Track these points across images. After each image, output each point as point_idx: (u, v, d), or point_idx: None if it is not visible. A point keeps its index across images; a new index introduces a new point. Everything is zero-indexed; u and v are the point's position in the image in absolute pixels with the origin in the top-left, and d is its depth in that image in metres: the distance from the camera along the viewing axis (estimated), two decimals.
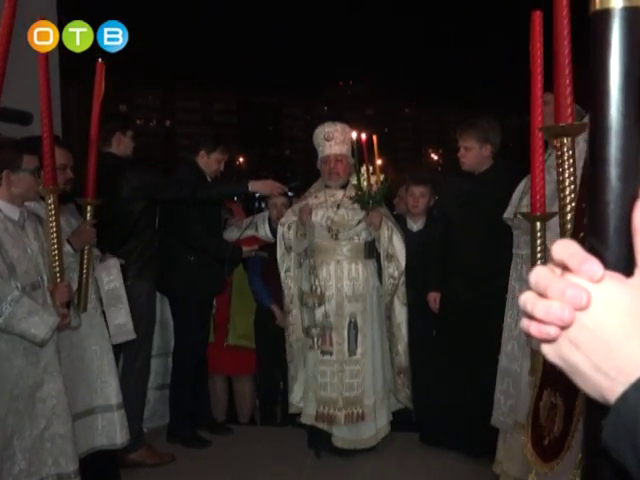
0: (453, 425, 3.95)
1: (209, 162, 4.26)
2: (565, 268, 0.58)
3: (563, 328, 0.57)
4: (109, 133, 3.90)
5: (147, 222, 3.99)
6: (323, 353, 4.00)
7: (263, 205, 5.12)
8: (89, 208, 3.08)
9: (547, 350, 0.59)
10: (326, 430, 4.01)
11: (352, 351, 3.99)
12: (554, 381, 1.44)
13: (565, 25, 1.78)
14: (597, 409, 0.57)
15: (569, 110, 1.86)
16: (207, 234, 4.19)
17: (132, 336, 3.46)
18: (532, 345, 2.06)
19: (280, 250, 4.14)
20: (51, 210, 2.66)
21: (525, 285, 0.63)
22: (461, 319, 3.85)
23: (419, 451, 4.10)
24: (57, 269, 2.72)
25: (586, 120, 2.56)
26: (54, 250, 2.70)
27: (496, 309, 3.68)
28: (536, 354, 2.03)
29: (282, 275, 4.11)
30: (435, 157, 73.98)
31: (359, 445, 4.03)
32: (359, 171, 3.91)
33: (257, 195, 4.76)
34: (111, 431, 3.31)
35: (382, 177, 3.98)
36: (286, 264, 4.12)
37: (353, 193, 4.02)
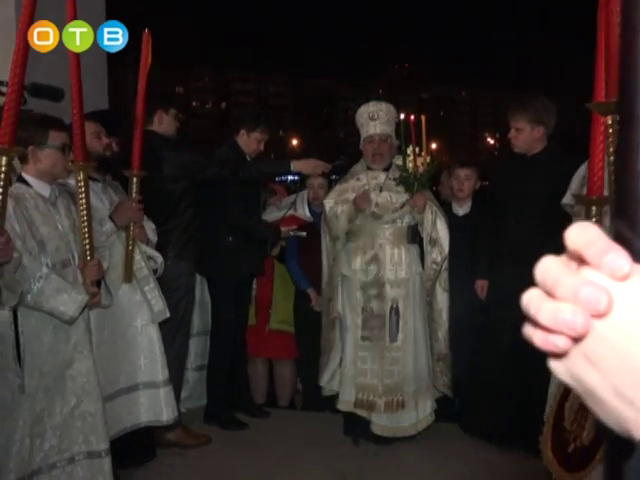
0: (495, 416, 3.80)
1: (249, 141, 4.18)
2: (582, 260, 0.44)
3: (576, 339, 0.43)
4: (151, 111, 3.85)
5: (188, 202, 3.94)
6: (363, 339, 3.90)
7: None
8: (135, 180, 3.03)
9: (555, 366, 0.46)
10: (365, 417, 3.91)
11: (393, 337, 3.88)
12: None
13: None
14: (617, 443, 0.43)
15: None
16: (246, 214, 4.11)
17: (165, 315, 3.42)
18: None
19: (325, 240, 4.02)
20: (81, 187, 2.62)
21: None
22: (509, 308, 3.67)
23: (459, 442, 3.97)
24: (87, 247, 2.69)
25: None
26: (84, 228, 2.67)
27: None
28: None
29: (328, 264, 3.99)
30: (492, 141, 72.56)
31: (398, 433, 3.93)
32: (405, 152, 3.76)
33: (296, 178, 4.67)
34: (156, 407, 3.32)
35: (429, 159, 3.81)
36: (333, 254, 4.01)
37: (397, 174, 3.88)
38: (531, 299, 0.44)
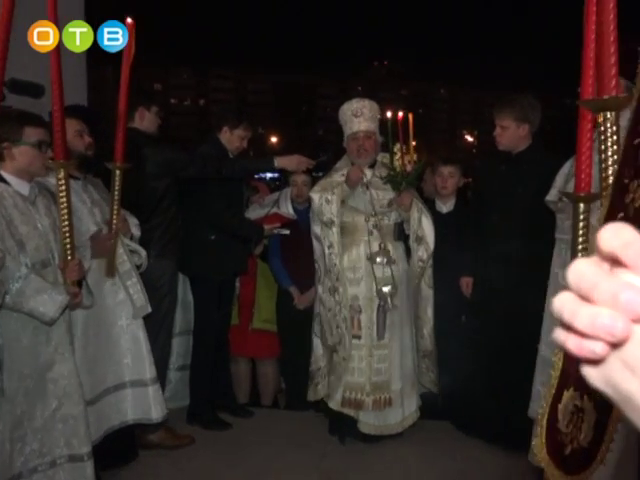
0: (481, 412, 3.80)
1: (232, 139, 4.13)
2: (616, 262, 0.42)
3: (614, 345, 0.41)
4: (132, 108, 3.78)
5: (171, 200, 3.89)
6: (351, 337, 3.88)
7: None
8: (117, 173, 2.97)
9: (591, 373, 0.43)
10: (352, 416, 3.90)
11: (380, 335, 3.87)
12: (580, 382, 1.27)
13: None
14: None
15: (613, 82, 1.67)
16: (229, 212, 4.07)
17: (147, 310, 3.37)
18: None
19: (317, 227, 3.93)
20: (61, 185, 2.55)
21: None
22: (494, 305, 3.69)
23: (446, 439, 3.97)
24: (68, 246, 2.63)
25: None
26: (65, 227, 2.60)
27: (533, 296, 3.51)
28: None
29: (326, 251, 3.88)
30: (470, 139, 73.06)
31: (385, 431, 3.92)
32: (392, 150, 3.74)
33: (276, 175, 4.62)
34: (145, 405, 3.30)
35: (416, 157, 3.80)
36: (328, 240, 3.87)
37: (384, 172, 3.86)
38: (564, 303, 0.42)
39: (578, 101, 1.89)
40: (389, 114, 3.66)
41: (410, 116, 3.64)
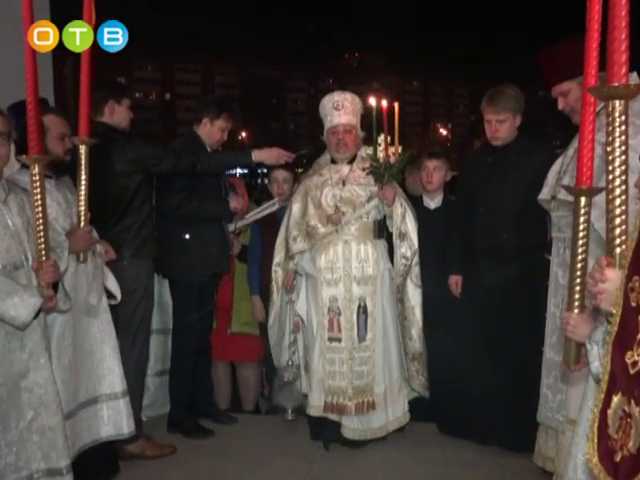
0: (472, 414, 3.80)
1: (213, 131, 4.07)
2: None
3: None
4: (101, 101, 3.70)
5: (144, 198, 3.79)
6: (331, 340, 3.87)
7: (267, 182, 4.89)
8: (83, 150, 2.86)
9: None
10: (336, 420, 3.88)
11: (362, 337, 3.86)
12: (627, 386, 1.25)
13: None
14: None
15: (624, 69, 1.65)
16: (187, 200, 3.92)
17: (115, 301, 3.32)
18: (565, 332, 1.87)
19: (280, 240, 4.05)
20: (36, 182, 2.47)
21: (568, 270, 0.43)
22: (484, 303, 3.69)
23: (436, 442, 3.96)
24: (42, 246, 2.54)
25: None
26: (39, 226, 2.52)
27: (523, 292, 3.53)
28: (569, 342, 1.85)
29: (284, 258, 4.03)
30: (444, 132, 73.63)
31: (369, 435, 3.90)
32: (376, 141, 3.72)
33: (260, 171, 4.57)
34: (117, 420, 3.24)
35: (400, 149, 3.77)
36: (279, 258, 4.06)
37: (367, 165, 3.83)
38: None
39: (587, 88, 1.87)
40: (373, 103, 3.64)
41: (396, 105, 3.62)
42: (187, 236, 3.97)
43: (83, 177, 2.89)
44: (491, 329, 3.66)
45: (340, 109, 3.91)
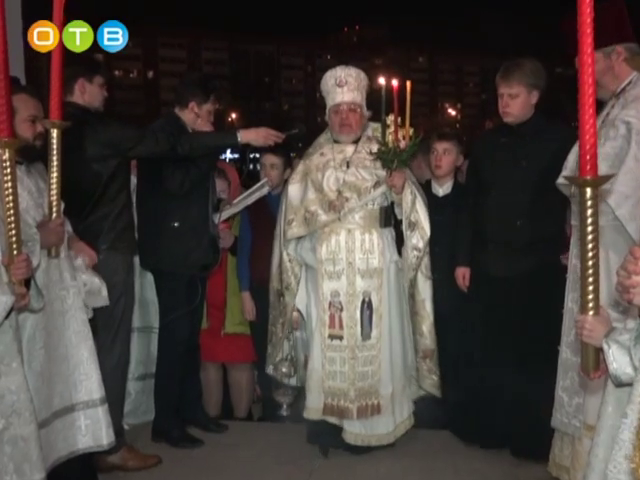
0: (485, 419, 3.81)
1: (201, 114, 4.08)
2: None
3: None
4: (71, 79, 3.64)
5: (120, 183, 3.76)
6: (332, 338, 3.86)
7: (259, 167, 4.87)
8: (55, 134, 2.84)
9: None
10: (336, 424, 3.88)
11: (366, 335, 3.85)
12: None
13: None
14: None
15: None
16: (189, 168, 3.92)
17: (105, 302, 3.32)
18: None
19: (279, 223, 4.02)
20: (6, 168, 2.44)
21: None
22: (495, 297, 3.68)
23: (446, 450, 3.98)
24: (13, 239, 2.51)
25: None
26: (10, 217, 2.49)
27: (539, 286, 3.52)
28: (586, 348, 1.83)
29: (280, 248, 4.02)
30: (453, 112, 73.57)
31: (374, 441, 3.90)
32: (385, 123, 3.70)
33: (253, 155, 4.53)
34: (96, 430, 3.22)
35: (411, 132, 3.75)
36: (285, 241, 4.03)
37: (374, 148, 3.82)
38: None
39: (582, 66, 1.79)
40: (382, 81, 3.62)
41: (408, 84, 3.60)
42: (177, 224, 3.97)
43: (55, 164, 2.87)
44: (505, 327, 3.65)
45: (343, 85, 3.89)
